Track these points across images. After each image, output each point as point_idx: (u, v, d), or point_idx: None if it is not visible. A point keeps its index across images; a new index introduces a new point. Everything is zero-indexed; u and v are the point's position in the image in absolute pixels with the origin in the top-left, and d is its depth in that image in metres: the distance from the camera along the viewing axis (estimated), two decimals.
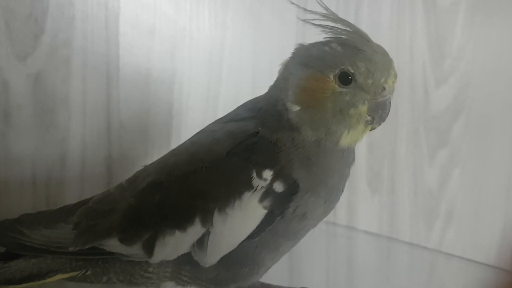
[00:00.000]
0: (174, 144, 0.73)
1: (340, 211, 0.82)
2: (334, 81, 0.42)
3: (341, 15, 0.44)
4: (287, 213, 0.42)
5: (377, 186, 0.78)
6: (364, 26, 0.78)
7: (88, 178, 0.67)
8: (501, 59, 0.65)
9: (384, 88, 0.43)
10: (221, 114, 0.78)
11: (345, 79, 0.42)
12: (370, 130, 0.45)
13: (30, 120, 0.62)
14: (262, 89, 0.49)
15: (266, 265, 0.46)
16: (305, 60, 0.44)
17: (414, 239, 0.74)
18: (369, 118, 0.43)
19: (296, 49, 0.46)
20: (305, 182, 0.42)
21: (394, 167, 0.76)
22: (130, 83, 0.69)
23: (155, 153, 0.72)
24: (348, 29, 0.43)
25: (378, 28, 0.76)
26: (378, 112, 0.43)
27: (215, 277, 0.44)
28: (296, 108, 0.43)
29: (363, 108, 0.43)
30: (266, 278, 0.51)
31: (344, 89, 0.42)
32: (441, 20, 0.70)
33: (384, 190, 0.77)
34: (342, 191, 0.47)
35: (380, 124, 0.44)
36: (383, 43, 0.45)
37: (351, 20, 0.44)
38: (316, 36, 0.48)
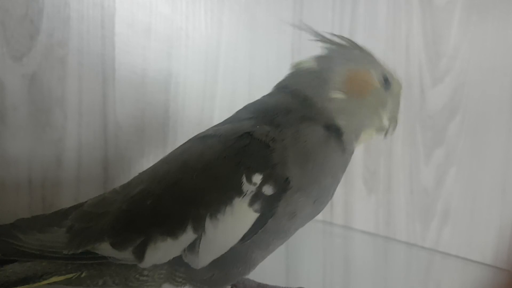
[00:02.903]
0: (170, 144, 0.73)
1: (337, 211, 0.82)
2: (378, 82, 0.48)
3: (337, 14, 0.45)
4: (277, 212, 0.43)
5: (374, 185, 0.78)
6: (361, 25, 0.78)
7: (84, 178, 0.67)
8: (497, 58, 0.65)
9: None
10: (217, 113, 0.78)
11: (387, 84, 0.48)
12: (385, 136, 0.51)
13: (25, 120, 0.62)
14: (258, 88, 0.49)
15: (257, 263, 0.47)
16: (351, 57, 0.48)
17: (410, 238, 0.74)
18: (384, 125, 0.49)
19: (329, 48, 0.49)
20: (298, 179, 0.43)
21: (390, 166, 0.76)
22: (126, 83, 0.69)
23: (151, 153, 0.72)
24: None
25: (374, 27, 0.76)
26: (395, 122, 0.50)
27: (209, 278, 0.45)
28: (341, 96, 0.46)
29: (386, 114, 0.49)
30: (263, 278, 0.51)
31: (384, 91, 0.48)
32: (437, 19, 0.70)
33: (381, 189, 0.77)
34: (332, 195, 0.48)
35: (391, 134, 0.51)
36: (379, 41, 0.45)
37: (347, 19, 0.45)
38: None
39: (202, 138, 0.47)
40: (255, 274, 0.48)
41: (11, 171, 0.61)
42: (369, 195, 0.79)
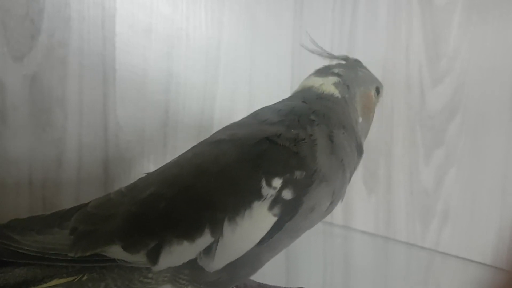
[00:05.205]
0: (170, 144, 0.73)
1: (337, 211, 0.82)
2: (374, 95, 0.54)
3: (337, 15, 0.45)
4: (297, 212, 0.43)
5: (374, 185, 0.78)
6: (361, 25, 0.79)
7: (84, 178, 0.67)
8: (497, 58, 0.65)
9: None
10: (217, 114, 0.78)
11: (378, 92, 0.55)
12: None
13: (26, 120, 0.62)
14: (258, 88, 0.49)
15: (263, 265, 0.46)
16: (360, 80, 0.53)
17: (410, 239, 0.74)
18: None
19: (342, 73, 0.53)
20: (325, 168, 0.44)
21: (390, 167, 0.76)
22: (126, 83, 0.69)
23: (152, 153, 0.72)
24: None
25: (375, 27, 0.76)
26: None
27: (216, 281, 0.44)
28: (360, 120, 0.53)
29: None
30: (263, 278, 0.51)
31: (377, 100, 0.56)
32: (437, 19, 0.70)
33: (381, 189, 0.77)
34: (343, 198, 0.50)
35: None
36: (379, 42, 0.45)
37: (348, 19, 0.45)
38: (313, 37, 0.49)
39: (215, 142, 0.46)
40: (255, 274, 0.48)
41: (11, 171, 0.61)
42: (369, 196, 0.79)
